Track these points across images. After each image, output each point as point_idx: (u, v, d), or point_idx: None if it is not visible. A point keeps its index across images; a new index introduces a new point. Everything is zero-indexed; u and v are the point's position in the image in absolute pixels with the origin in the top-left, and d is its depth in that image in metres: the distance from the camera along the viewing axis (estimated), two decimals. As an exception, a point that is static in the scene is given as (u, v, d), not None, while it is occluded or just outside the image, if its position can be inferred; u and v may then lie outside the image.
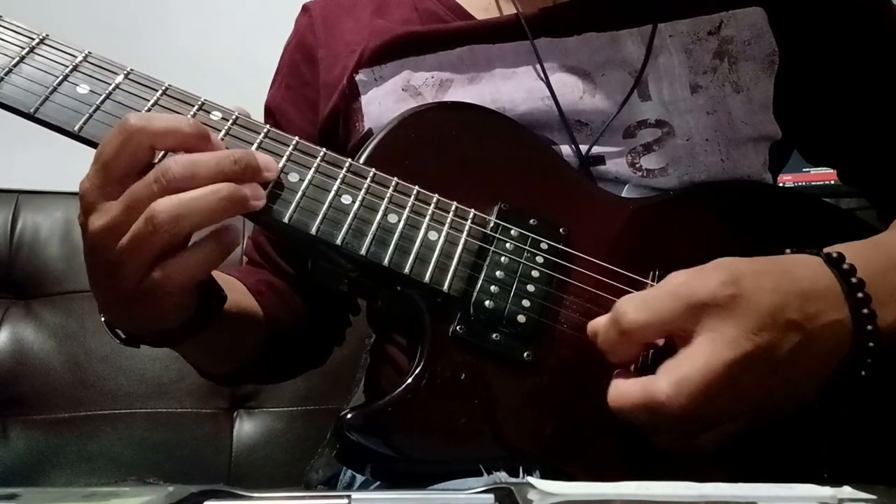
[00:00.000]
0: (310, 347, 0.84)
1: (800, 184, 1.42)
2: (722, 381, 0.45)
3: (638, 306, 0.48)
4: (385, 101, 0.70)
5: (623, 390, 0.48)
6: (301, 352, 0.83)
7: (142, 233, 0.48)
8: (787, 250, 0.53)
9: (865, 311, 0.49)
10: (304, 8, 0.82)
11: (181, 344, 0.62)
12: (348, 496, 0.34)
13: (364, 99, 0.71)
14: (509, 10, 0.71)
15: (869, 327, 0.49)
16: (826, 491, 0.36)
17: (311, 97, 0.77)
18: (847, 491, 0.36)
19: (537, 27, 0.68)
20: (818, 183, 1.40)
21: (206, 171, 0.49)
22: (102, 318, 0.60)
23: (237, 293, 0.71)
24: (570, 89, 0.67)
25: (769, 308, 0.46)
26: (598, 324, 0.52)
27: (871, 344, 0.49)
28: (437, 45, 0.70)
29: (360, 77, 0.71)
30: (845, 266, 0.50)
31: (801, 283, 0.49)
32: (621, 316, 0.48)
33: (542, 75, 0.67)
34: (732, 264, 0.48)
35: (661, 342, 0.51)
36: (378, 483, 0.61)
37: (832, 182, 1.38)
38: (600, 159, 0.66)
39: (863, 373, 0.49)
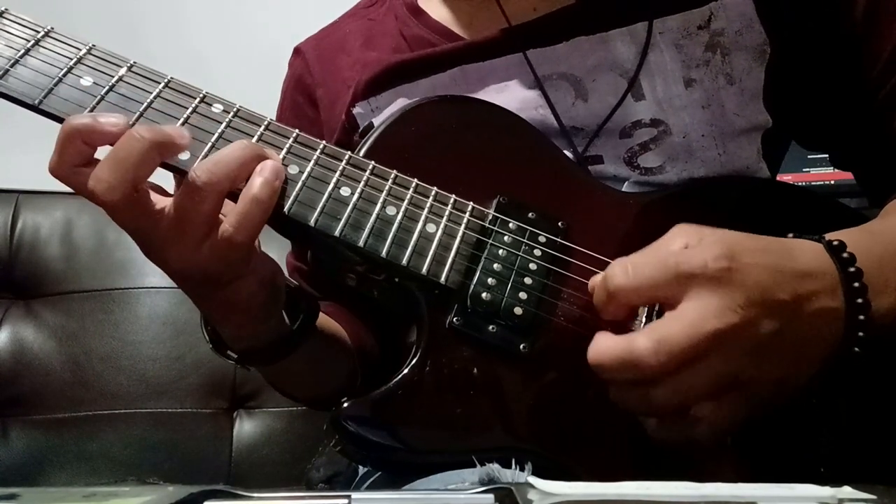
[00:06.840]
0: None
1: (799, 183, 1.42)
2: (704, 348, 0.44)
3: (626, 270, 0.48)
4: None
5: (601, 343, 0.47)
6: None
7: (185, 204, 0.49)
8: (790, 235, 0.52)
9: (860, 300, 0.49)
10: (296, 50, 0.82)
11: (294, 352, 0.63)
12: (348, 496, 0.34)
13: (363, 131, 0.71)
14: (496, 24, 0.70)
15: (861, 317, 0.48)
16: (826, 491, 0.36)
17: (318, 135, 0.77)
18: (847, 491, 0.35)
19: (525, 39, 0.68)
20: (818, 182, 1.40)
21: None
22: (210, 346, 0.62)
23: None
24: (563, 96, 0.67)
25: (761, 284, 0.46)
26: (595, 280, 0.51)
27: (860, 333, 0.48)
28: (428, 69, 0.70)
29: (357, 110, 0.72)
30: (845, 255, 0.50)
31: (798, 265, 0.48)
32: (610, 278, 0.49)
33: (533, 85, 0.67)
34: (733, 238, 0.48)
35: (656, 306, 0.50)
36: (377, 474, 0.61)
37: (832, 182, 1.38)
38: (598, 158, 0.67)
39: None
